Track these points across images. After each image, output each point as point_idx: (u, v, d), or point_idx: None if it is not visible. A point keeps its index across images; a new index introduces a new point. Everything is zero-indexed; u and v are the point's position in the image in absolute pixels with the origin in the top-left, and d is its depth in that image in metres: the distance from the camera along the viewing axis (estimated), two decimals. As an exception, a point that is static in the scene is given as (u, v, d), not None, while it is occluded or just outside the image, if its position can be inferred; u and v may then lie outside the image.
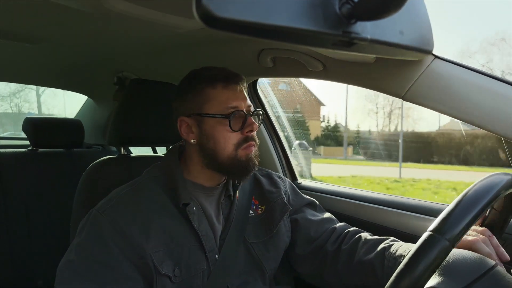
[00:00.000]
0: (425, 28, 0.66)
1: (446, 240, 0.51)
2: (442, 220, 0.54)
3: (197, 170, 0.93)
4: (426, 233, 0.54)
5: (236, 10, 0.37)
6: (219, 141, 0.87)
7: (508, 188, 0.59)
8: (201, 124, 0.88)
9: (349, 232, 1.03)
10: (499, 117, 0.72)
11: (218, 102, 0.87)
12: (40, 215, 1.65)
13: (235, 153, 0.87)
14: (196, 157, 0.92)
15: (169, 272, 0.82)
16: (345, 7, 0.45)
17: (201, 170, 0.93)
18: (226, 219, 0.96)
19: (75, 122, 1.91)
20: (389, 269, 0.85)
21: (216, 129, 0.87)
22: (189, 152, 0.94)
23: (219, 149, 0.87)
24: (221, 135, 0.87)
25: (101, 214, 0.83)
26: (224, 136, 0.87)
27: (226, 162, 0.87)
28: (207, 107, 0.87)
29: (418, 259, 0.51)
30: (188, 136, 0.90)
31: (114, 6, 0.81)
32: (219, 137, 0.87)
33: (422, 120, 16.35)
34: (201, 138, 0.89)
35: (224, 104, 0.87)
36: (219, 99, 0.87)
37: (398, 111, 16.87)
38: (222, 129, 0.86)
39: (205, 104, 0.87)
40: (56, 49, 1.44)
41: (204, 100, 0.87)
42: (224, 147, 0.87)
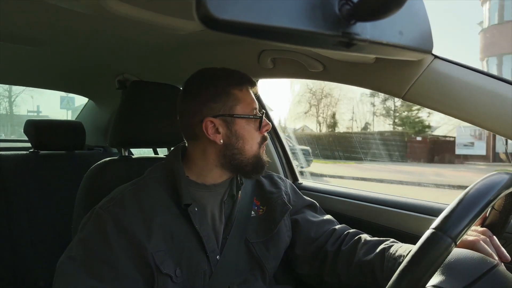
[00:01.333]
0: (425, 28, 0.66)
1: (449, 237, 0.51)
2: (444, 218, 0.54)
3: (207, 169, 0.94)
4: (428, 230, 0.54)
5: (236, 11, 0.38)
6: (248, 140, 0.92)
7: (509, 186, 0.59)
8: (231, 124, 0.90)
9: (349, 233, 1.04)
10: (499, 117, 0.72)
11: (247, 103, 0.92)
12: (41, 217, 1.65)
13: (259, 151, 0.94)
14: (213, 156, 0.92)
15: (170, 272, 0.83)
16: (344, 8, 0.45)
17: (212, 168, 0.94)
18: (227, 219, 0.97)
19: (76, 124, 1.91)
20: (389, 270, 0.85)
21: (246, 129, 0.92)
22: (203, 152, 0.93)
23: (247, 148, 0.92)
24: (250, 135, 0.92)
25: (104, 212, 0.83)
26: (252, 136, 0.92)
27: (251, 159, 0.93)
28: (238, 108, 0.91)
29: (421, 257, 0.51)
30: (216, 137, 0.90)
31: (114, 9, 0.82)
32: (248, 137, 0.92)
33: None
34: (230, 138, 0.91)
35: (250, 105, 0.93)
36: (247, 101, 0.92)
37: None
38: (250, 129, 0.92)
39: (235, 105, 0.91)
40: (57, 52, 1.45)
41: (234, 102, 0.91)
42: (251, 145, 0.92)
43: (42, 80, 1.97)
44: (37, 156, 1.77)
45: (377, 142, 10.72)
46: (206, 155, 0.93)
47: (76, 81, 1.94)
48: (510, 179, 0.60)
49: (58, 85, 2.10)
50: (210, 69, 0.95)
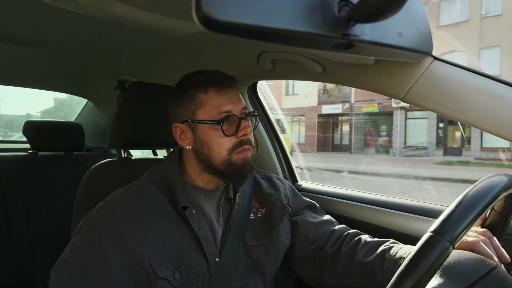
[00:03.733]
0: (424, 30, 0.66)
1: (447, 241, 0.51)
2: (442, 221, 0.54)
3: (196, 174, 0.93)
4: (426, 234, 0.54)
5: (236, 13, 0.38)
6: (213, 147, 0.87)
7: (508, 188, 0.59)
8: (194, 130, 0.88)
9: (348, 234, 1.03)
10: (498, 118, 0.72)
11: (211, 107, 0.86)
12: (40, 219, 1.65)
13: (229, 158, 0.87)
14: (193, 161, 0.92)
15: (168, 275, 0.82)
16: (344, 10, 0.45)
17: (199, 173, 0.93)
18: (226, 222, 0.96)
19: (75, 125, 1.91)
20: (389, 271, 0.85)
21: (209, 135, 0.86)
22: (188, 157, 0.94)
23: (214, 155, 0.87)
24: (215, 141, 0.86)
25: (100, 216, 0.83)
26: (218, 142, 0.86)
27: (221, 166, 0.87)
28: (200, 113, 0.87)
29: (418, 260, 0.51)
30: (184, 142, 0.90)
31: (114, 10, 0.82)
32: (213, 143, 0.86)
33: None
34: (196, 144, 0.89)
35: (216, 109, 0.86)
36: (211, 104, 0.86)
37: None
38: (215, 135, 0.86)
39: (197, 110, 0.87)
40: (57, 53, 1.45)
41: (196, 106, 0.87)
42: (218, 152, 0.87)
43: (41, 81, 1.97)
44: (36, 157, 1.77)
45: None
46: (189, 159, 0.93)
47: (75, 83, 1.94)
48: (509, 181, 0.60)
49: (57, 87, 2.10)
50: (191, 72, 0.92)
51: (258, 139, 1.50)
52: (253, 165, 0.90)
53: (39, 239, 1.63)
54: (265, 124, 1.55)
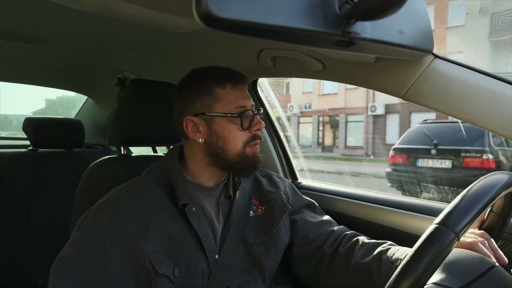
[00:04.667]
0: (425, 28, 0.66)
1: (452, 232, 0.52)
2: (447, 213, 0.55)
3: (199, 169, 0.93)
4: (432, 226, 0.54)
5: (236, 10, 0.38)
6: (229, 139, 0.89)
7: (510, 185, 0.60)
8: (210, 123, 0.89)
9: (346, 235, 1.04)
10: (499, 117, 0.72)
11: (228, 102, 0.88)
12: (40, 215, 1.65)
13: (243, 151, 0.89)
14: (201, 155, 0.92)
15: (168, 272, 0.82)
16: (344, 7, 0.45)
17: (204, 168, 0.93)
18: (226, 219, 0.96)
19: (75, 122, 1.91)
20: (386, 272, 0.86)
21: (226, 128, 0.88)
22: (192, 151, 0.94)
23: (229, 148, 0.89)
24: (231, 134, 0.88)
25: (100, 213, 0.83)
26: (234, 135, 0.89)
27: (235, 159, 0.89)
28: (217, 106, 0.88)
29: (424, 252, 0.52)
30: (196, 136, 0.90)
31: (113, 7, 0.81)
32: (229, 136, 0.88)
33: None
34: (210, 137, 0.89)
35: (233, 103, 0.88)
36: (228, 99, 0.89)
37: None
38: (232, 128, 0.88)
39: (214, 104, 0.88)
40: (56, 50, 1.45)
41: (213, 100, 0.89)
42: (234, 145, 0.89)
43: (41, 78, 1.97)
44: (36, 154, 1.77)
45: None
46: (195, 154, 0.93)
47: (75, 79, 1.94)
48: (510, 178, 0.60)
49: (57, 83, 2.10)
50: (200, 68, 0.93)
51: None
52: (261, 159, 0.93)
53: (39, 235, 1.63)
54: (265, 122, 1.55)
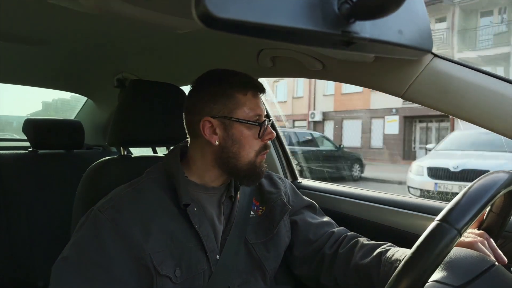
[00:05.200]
0: (424, 27, 0.66)
1: (455, 229, 0.52)
2: (449, 210, 0.55)
3: (205, 170, 0.93)
4: (434, 222, 0.54)
5: (235, 10, 0.38)
6: (244, 146, 0.89)
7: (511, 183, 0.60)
8: (228, 127, 0.89)
9: (346, 236, 1.04)
10: (498, 116, 0.72)
11: (248, 109, 0.89)
12: (40, 217, 1.65)
13: (255, 159, 0.91)
14: (211, 156, 0.92)
15: (169, 272, 0.82)
16: (344, 7, 0.45)
17: (210, 169, 0.93)
18: (227, 219, 0.97)
19: (75, 123, 1.91)
20: (385, 273, 0.86)
21: (244, 134, 0.89)
22: (202, 152, 0.93)
23: (243, 154, 0.89)
24: (247, 141, 0.90)
25: (102, 213, 0.83)
26: (250, 143, 0.90)
27: (245, 166, 0.90)
28: (238, 112, 0.89)
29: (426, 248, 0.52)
30: (212, 137, 0.90)
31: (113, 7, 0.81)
32: (245, 142, 0.89)
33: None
34: (226, 141, 0.90)
35: (253, 111, 0.90)
36: (249, 106, 0.90)
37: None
38: (249, 135, 0.90)
39: (236, 109, 0.89)
40: (56, 51, 1.45)
41: (235, 105, 0.89)
42: (248, 152, 0.90)
43: (40, 79, 1.97)
44: (36, 155, 1.77)
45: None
46: (204, 154, 0.93)
47: (75, 80, 1.94)
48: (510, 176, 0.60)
49: (57, 84, 2.10)
50: (220, 69, 0.94)
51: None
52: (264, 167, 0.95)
53: (39, 237, 1.63)
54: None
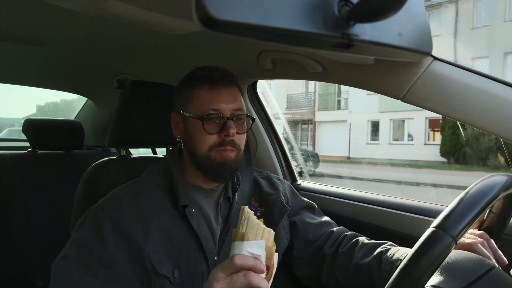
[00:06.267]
0: (424, 30, 0.66)
1: (450, 236, 0.52)
2: (445, 217, 0.55)
3: (190, 169, 0.93)
4: (429, 229, 0.54)
5: (236, 12, 0.38)
6: (195, 140, 0.89)
7: (508, 188, 0.60)
8: (185, 122, 0.91)
9: (346, 236, 1.04)
10: (497, 118, 0.72)
11: (201, 103, 0.88)
12: (39, 217, 1.65)
13: (209, 154, 0.88)
14: (185, 153, 0.94)
15: (167, 273, 0.82)
16: (344, 9, 0.46)
17: (192, 168, 0.93)
18: (225, 221, 0.96)
19: (75, 123, 1.91)
20: (386, 273, 0.86)
21: (195, 129, 0.88)
22: (184, 150, 0.95)
23: (196, 148, 0.89)
24: (198, 135, 0.88)
25: (101, 211, 0.83)
26: (200, 137, 0.88)
27: (201, 161, 0.89)
28: (190, 106, 0.89)
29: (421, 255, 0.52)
30: (176, 132, 0.94)
31: (114, 9, 0.82)
32: (196, 137, 0.88)
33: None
34: (184, 135, 0.92)
35: (205, 105, 0.87)
36: (202, 100, 0.88)
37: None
38: (199, 130, 0.87)
39: (189, 103, 0.89)
40: (56, 52, 1.45)
41: (189, 100, 0.89)
42: (200, 146, 0.88)
43: (41, 79, 1.97)
44: (36, 155, 1.76)
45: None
46: (184, 152, 0.95)
47: (75, 81, 1.94)
48: (509, 180, 0.60)
49: (57, 85, 2.10)
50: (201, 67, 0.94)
51: (257, 139, 1.50)
52: (234, 167, 0.89)
53: (38, 237, 1.63)
54: (264, 124, 1.54)
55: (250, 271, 0.65)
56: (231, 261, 0.65)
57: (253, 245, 0.67)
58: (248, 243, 0.67)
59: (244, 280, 0.64)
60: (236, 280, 0.64)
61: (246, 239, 0.67)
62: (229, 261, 0.65)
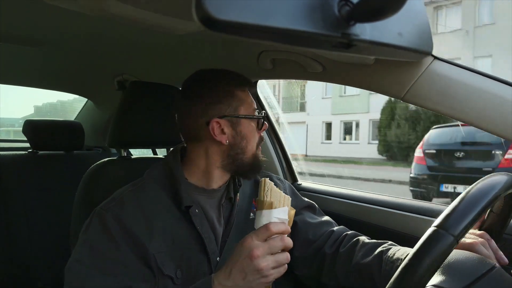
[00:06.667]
0: (424, 30, 0.66)
1: (451, 235, 0.52)
2: (446, 216, 0.54)
3: (206, 171, 0.93)
4: (430, 228, 0.54)
5: (236, 12, 0.38)
6: (250, 140, 0.93)
7: (510, 187, 0.60)
8: (236, 125, 0.91)
9: (347, 235, 1.04)
10: (498, 118, 0.72)
11: (248, 104, 0.93)
12: (40, 218, 1.65)
13: (256, 151, 0.95)
14: (216, 157, 0.92)
15: (171, 273, 0.83)
16: (344, 9, 0.45)
17: (214, 170, 0.93)
18: (227, 221, 0.96)
19: (75, 124, 1.91)
20: (386, 272, 0.85)
21: (249, 129, 0.93)
22: (206, 153, 0.92)
23: (249, 148, 0.93)
24: (252, 135, 0.93)
25: (105, 211, 0.84)
26: (254, 136, 0.94)
27: (250, 160, 0.94)
28: (242, 109, 0.91)
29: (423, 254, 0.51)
30: (221, 138, 0.90)
31: (114, 9, 0.82)
32: (251, 137, 0.93)
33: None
34: (235, 138, 0.91)
35: (252, 106, 0.94)
36: (248, 101, 0.93)
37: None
38: (252, 130, 0.93)
39: (240, 106, 0.91)
40: (56, 52, 1.45)
41: (239, 103, 0.91)
42: (252, 146, 0.94)
43: (41, 80, 1.97)
44: (36, 156, 1.76)
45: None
46: (209, 156, 0.93)
47: (75, 82, 1.94)
48: (511, 179, 0.60)
49: (57, 86, 2.10)
50: (209, 70, 0.94)
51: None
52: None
53: (39, 237, 1.63)
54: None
55: (283, 234, 0.75)
56: (267, 229, 0.73)
57: (280, 211, 0.76)
58: (276, 210, 0.76)
59: (281, 243, 0.74)
60: (274, 245, 0.73)
61: (274, 207, 0.76)
62: (264, 229, 0.74)
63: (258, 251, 0.71)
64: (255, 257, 0.71)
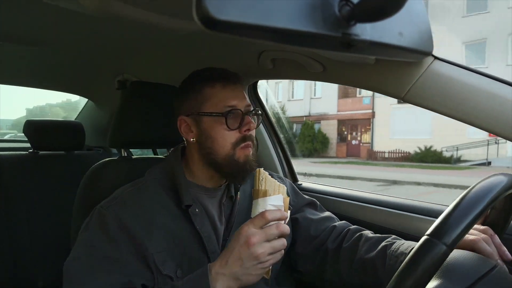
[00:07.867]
0: (425, 29, 0.66)
1: (443, 244, 0.50)
2: (439, 224, 0.53)
3: (198, 170, 0.93)
4: (423, 237, 0.53)
5: (236, 12, 0.38)
6: (216, 139, 0.88)
7: (508, 189, 0.59)
8: (199, 123, 0.89)
9: (350, 230, 1.03)
10: (498, 118, 0.72)
11: (217, 101, 0.88)
12: (41, 218, 1.65)
13: (233, 153, 0.88)
14: (196, 155, 0.93)
15: (170, 272, 0.83)
16: (344, 9, 0.45)
17: (202, 169, 0.93)
18: (227, 220, 0.96)
19: (76, 124, 1.91)
20: (390, 267, 0.85)
21: (214, 127, 0.88)
22: (191, 152, 0.94)
23: (217, 148, 0.88)
24: (219, 134, 0.87)
25: (106, 210, 0.84)
26: (222, 135, 0.87)
27: (224, 161, 0.88)
28: (206, 106, 0.88)
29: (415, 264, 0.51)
30: (188, 135, 0.91)
31: (114, 9, 0.82)
32: (217, 135, 0.87)
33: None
34: (200, 136, 0.90)
35: (222, 103, 0.87)
36: (217, 98, 0.88)
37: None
38: (219, 128, 0.87)
39: (203, 103, 0.88)
40: (57, 52, 1.45)
41: (202, 99, 0.89)
42: (222, 145, 0.88)
43: (41, 80, 1.97)
44: (37, 156, 1.76)
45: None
46: (192, 154, 0.94)
47: (76, 82, 1.94)
48: (508, 181, 0.59)
49: (58, 86, 2.10)
50: (202, 69, 0.94)
51: (258, 138, 1.50)
52: (254, 164, 0.90)
53: (39, 237, 1.63)
54: (265, 124, 1.55)
55: (279, 222, 0.75)
56: (263, 217, 0.74)
57: (275, 199, 0.77)
58: (270, 198, 0.77)
59: (277, 231, 0.74)
60: (270, 232, 0.73)
61: (268, 195, 0.77)
62: (260, 217, 0.74)
63: (255, 238, 0.72)
64: (252, 244, 0.72)
